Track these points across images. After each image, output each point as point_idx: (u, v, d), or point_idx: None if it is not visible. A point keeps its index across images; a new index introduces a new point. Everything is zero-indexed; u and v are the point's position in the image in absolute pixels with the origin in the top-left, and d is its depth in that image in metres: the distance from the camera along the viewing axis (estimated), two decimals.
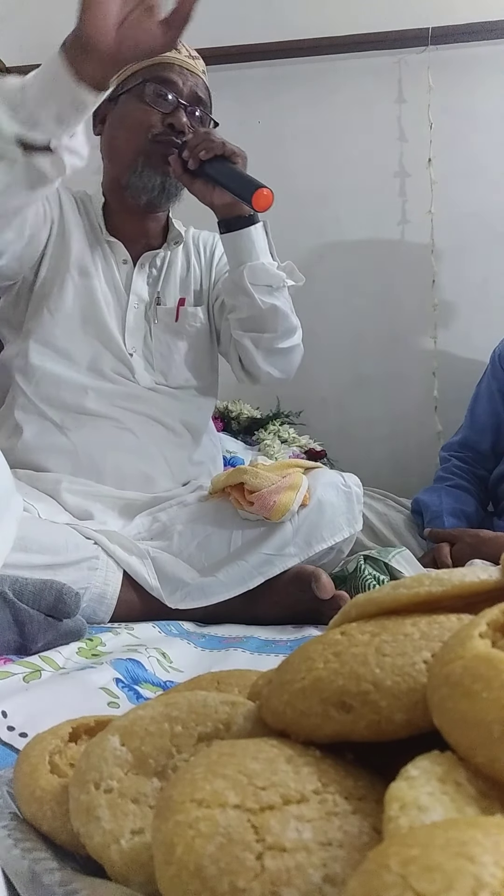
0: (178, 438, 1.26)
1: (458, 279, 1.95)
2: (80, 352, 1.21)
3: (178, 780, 0.26)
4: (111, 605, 0.99)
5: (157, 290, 1.29)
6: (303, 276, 1.25)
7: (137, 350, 1.25)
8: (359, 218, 2.00)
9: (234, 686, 0.40)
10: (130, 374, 1.23)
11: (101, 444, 1.18)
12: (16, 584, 0.81)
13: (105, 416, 1.20)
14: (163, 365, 1.27)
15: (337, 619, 0.35)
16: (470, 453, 1.60)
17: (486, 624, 0.27)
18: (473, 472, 1.58)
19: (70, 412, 1.19)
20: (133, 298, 1.26)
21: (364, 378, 2.00)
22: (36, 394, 1.20)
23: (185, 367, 1.29)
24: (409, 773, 0.23)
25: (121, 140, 1.23)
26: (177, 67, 1.22)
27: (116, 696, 0.62)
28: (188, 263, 1.35)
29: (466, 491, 1.53)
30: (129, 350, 1.24)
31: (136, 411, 1.22)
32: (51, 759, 0.36)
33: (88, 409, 1.19)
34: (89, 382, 1.20)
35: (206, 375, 1.34)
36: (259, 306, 1.20)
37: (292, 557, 1.07)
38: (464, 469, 1.58)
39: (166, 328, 1.28)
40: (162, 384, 1.26)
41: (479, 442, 1.59)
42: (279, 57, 2.00)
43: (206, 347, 1.33)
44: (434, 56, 1.93)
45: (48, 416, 1.19)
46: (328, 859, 0.23)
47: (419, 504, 1.51)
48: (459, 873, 0.17)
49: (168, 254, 1.32)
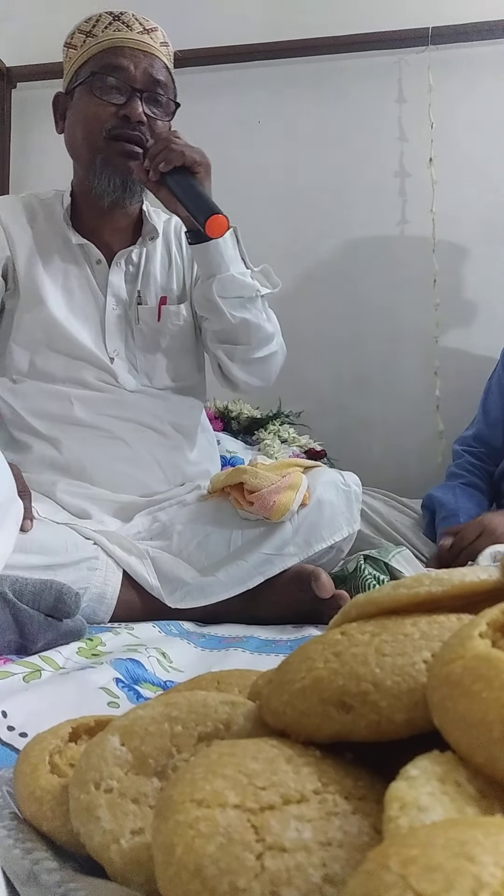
0: (170, 441, 1.24)
1: (460, 278, 1.95)
2: (59, 370, 1.19)
3: (178, 780, 0.26)
4: (111, 605, 0.99)
5: (137, 289, 1.24)
6: (279, 281, 1.22)
7: (119, 353, 1.22)
8: (360, 217, 2.00)
9: (234, 686, 0.40)
10: (113, 379, 1.21)
11: (92, 456, 1.17)
12: (16, 584, 0.81)
13: (93, 427, 1.18)
14: (146, 367, 1.24)
15: (337, 618, 0.35)
16: (483, 448, 1.58)
17: (486, 624, 0.27)
18: (486, 469, 1.56)
19: (58, 423, 1.17)
20: (111, 300, 1.22)
21: (365, 378, 2.00)
22: (23, 409, 1.18)
23: (170, 368, 1.26)
24: (409, 773, 0.23)
25: (78, 139, 1.18)
26: (127, 50, 1.14)
27: (116, 696, 0.62)
28: (169, 256, 1.30)
29: (480, 490, 1.51)
30: (111, 354, 1.21)
31: (123, 418, 1.20)
32: (51, 759, 0.36)
33: (76, 418, 1.18)
34: (72, 391, 1.19)
35: (193, 374, 1.31)
36: (229, 320, 1.16)
37: (292, 557, 1.07)
38: (477, 466, 1.56)
39: (149, 329, 1.24)
40: (147, 386, 1.24)
41: (492, 437, 1.57)
42: (279, 57, 2.00)
43: (191, 346, 1.29)
44: (434, 56, 1.94)
45: (37, 429, 1.17)
46: (328, 859, 0.23)
47: (432, 500, 1.48)
48: (459, 873, 0.17)
49: (145, 249, 1.27)
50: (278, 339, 1.25)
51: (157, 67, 1.16)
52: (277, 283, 1.21)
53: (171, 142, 1.09)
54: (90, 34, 1.17)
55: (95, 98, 1.14)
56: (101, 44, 1.15)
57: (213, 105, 2.04)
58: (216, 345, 1.23)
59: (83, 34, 1.18)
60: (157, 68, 1.16)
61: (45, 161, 2.06)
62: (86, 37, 1.17)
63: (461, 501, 1.45)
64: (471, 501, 1.46)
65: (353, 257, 2.01)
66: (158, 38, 1.18)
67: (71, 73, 1.19)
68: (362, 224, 2.00)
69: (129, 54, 1.14)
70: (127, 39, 1.14)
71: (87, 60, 1.15)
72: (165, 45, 1.19)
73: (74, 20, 1.20)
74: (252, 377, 1.26)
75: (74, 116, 1.18)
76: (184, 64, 2.01)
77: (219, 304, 1.15)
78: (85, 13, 1.19)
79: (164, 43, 1.19)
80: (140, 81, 1.14)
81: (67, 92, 1.20)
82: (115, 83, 1.13)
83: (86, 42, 1.17)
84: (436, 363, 1.92)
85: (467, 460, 1.57)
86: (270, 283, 1.20)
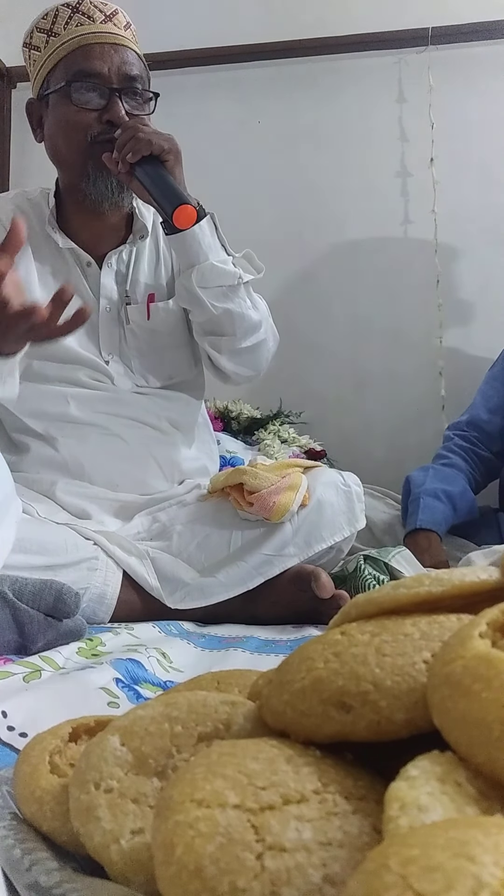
0: (167, 438, 1.22)
1: (463, 278, 1.95)
2: (53, 372, 1.17)
3: (178, 780, 0.26)
4: (111, 605, 0.99)
5: (126, 289, 1.22)
6: (262, 265, 1.17)
7: (114, 355, 1.20)
8: (362, 218, 2.00)
9: (234, 686, 0.40)
10: (109, 380, 1.19)
11: (89, 453, 1.16)
12: (16, 584, 0.81)
13: (90, 424, 1.17)
14: (142, 368, 1.22)
15: (337, 619, 0.35)
16: (475, 433, 1.57)
17: (486, 624, 0.27)
18: (475, 452, 1.55)
19: (54, 421, 1.16)
20: (103, 302, 1.20)
21: (366, 378, 2.00)
22: (19, 410, 1.17)
23: (165, 366, 1.24)
24: (409, 773, 0.23)
25: (62, 147, 1.14)
26: (97, 48, 1.10)
27: (116, 696, 0.62)
28: (157, 252, 1.27)
29: (459, 470, 1.50)
30: (106, 357, 1.19)
31: (120, 415, 1.18)
32: (51, 759, 0.36)
33: (72, 416, 1.16)
34: (69, 391, 1.17)
35: (189, 370, 1.28)
36: (212, 312, 1.13)
37: (292, 558, 1.07)
38: (464, 448, 1.55)
39: (140, 328, 1.21)
40: (143, 386, 1.22)
41: (487, 422, 1.56)
42: (279, 57, 2.00)
43: (184, 341, 1.26)
44: (434, 56, 1.94)
45: (33, 429, 1.17)
46: (328, 859, 0.23)
47: (408, 481, 1.48)
48: (459, 873, 0.17)
49: (134, 248, 1.24)
50: (267, 325, 1.21)
51: (129, 61, 1.12)
52: (261, 267, 1.17)
53: (138, 130, 1.05)
54: (52, 33, 1.13)
55: (74, 107, 1.10)
56: (67, 44, 1.11)
57: (213, 105, 2.04)
58: (202, 337, 1.20)
59: (44, 33, 1.14)
60: (130, 62, 1.12)
61: (45, 161, 2.04)
62: (48, 36, 1.13)
63: (429, 481, 1.44)
64: (441, 481, 1.44)
65: (356, 258, 2.01)
66: (122, 22, 1.14)
67: (41, 79, 1.16)
68: (365, 224, 2.00)
69: (100, 53, 1.10)
70: (93, 35, 1.10)
71: (56, 64, 1.12)
72: (129, 27, 1.16)
73: None
74: (241, 367, 1.22)
75: (55, 125, 1.14)
76: (184, 64, 2.02)
77: (199, 295, 1.11)
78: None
79: (127, 25, 1.15)
80: (116, 80, 1.11)
81: (40, 98, 1.17)
82: (94, 86, 1.10)
83: (49, 42, 1.13)
84: (440, 363, 1.92)
85: (455, 443, 1.56)
86: (254, 268, 1.16)
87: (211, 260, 1.11)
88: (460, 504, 1.44)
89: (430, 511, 1.38)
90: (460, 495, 1.45)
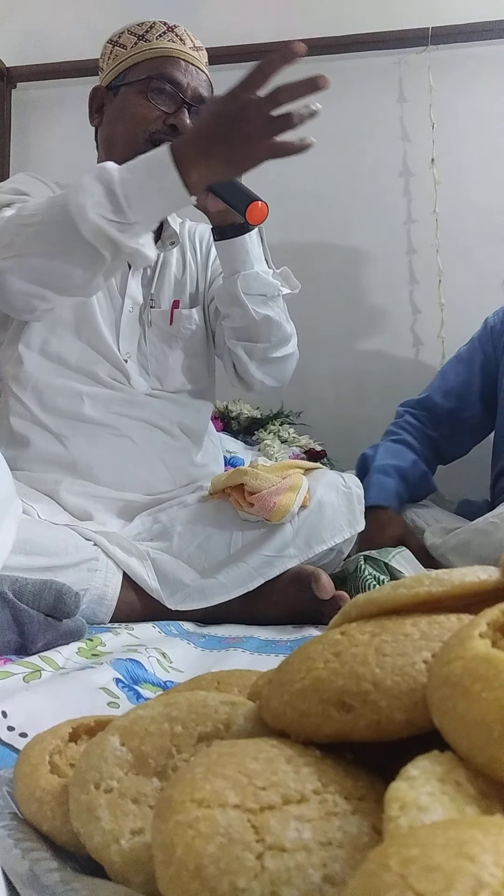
0: (177, 443, 1.24)
1: (465, 278, 1.95)
2: (74, 358, 1.19)
3: (178, 780, 0.26)
4: (111, 606, 0.99)
5: (151, 292, 1.25)
6: (298, 283, 1.23)
7: (132, 355, 1.22)
8: (363, 218, 2.00)
9: (234, 686, 0.40)
10: (126, 380, 1.21)
11: (99, 453, 1.17)
12: (16, 584, 0.81)
13: (102, 424, 1.18)
14: (158, 370, 1.25)
15: (337, 619, 0.35)
16: (425, 413, 1.60)
17: (486, 624, 0.27)
18: (424, 432, 1.58)
19: (67, 419, 1.17)
20: (127, 302, 1.23)
21: (367, 378, 2.00)
22: (31, 400, 1.18)
23: (180, 372, 1.27)
24: (409, 773, 0.23)
25: (118, 135, 1.20)
26: (182, 63, 1.19)
27: (116, 696, 0.62)
28: (184, 262, 1.32)
29: (409, 447, 1.53)
30: (124, 356, 1.21)
31: (133, 417, 1.20)
32: (51, 759, 0.36)
33: (85, 416, 1.17)
34: (85, 389, 1.18)
35: (203, 378, 1.32)
36: (252, 317, 1.17)
37: (292, 559, 1.07)
38: (414, 426, 1.58)
39: (161, 332, 1.25)
40: (158, 389, 1.24)
41: (439, 405, 1.59)
42: None
43: (202, 350, 1.30)
44: (434, 56, 1.94)
45: (44, 423, 1.17)
46: (328, 859, 0.23)
47: (362, 458, 1.52)
48: (459, 873, 0.17)
49: (163, 253, 1.28)
50: (294, 341, 1.27)
51: (203, 85, 1.21)
52: (297, 285, 1.22)
53: None
54: (143, 38, 1.20)
55: (146, 100, 1.17)
56: (157, 50, 1.19)
57: None
58: (235, 342, 1.23)
59: (135, 36, 1.21)
60: (204, 85, 1.22)
61: (45, 161, 2.06)
62: (138, 39, 1.20)
63: (378, 457, 1.48)
64: (392, 457, 1.48)
65: (358, 258, 2.01)
66: (203, 58, 1.24)
67: (118, 71, 1.21)
68: (366, 224, 2.00)
69: (184, 68, 1.19)
70: (183, 52, 1.20)
71: (140, 63, 1.19)
72: (206, 65, 1.25)
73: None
74: (268, 377, 1.27)
75: (117, 113, 1.20)
76: None
77: (243, 299, 1.16)
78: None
79: (206, 63, 1.25)
80: (191, 96, 1.18)
81: (109, 88, 1.22)
82: (170, 91, 1.17)
83: (137, 45, 1.20)
84: (442, 363, 1.92)
85: (405, 420, 1.60)
86: (289, 286, 1.21)
87: (256, 269, 1.16)
88: (411, 476, 1.48)
89: (380, 487, 1.42)
90: (410, 468, 1.48)
